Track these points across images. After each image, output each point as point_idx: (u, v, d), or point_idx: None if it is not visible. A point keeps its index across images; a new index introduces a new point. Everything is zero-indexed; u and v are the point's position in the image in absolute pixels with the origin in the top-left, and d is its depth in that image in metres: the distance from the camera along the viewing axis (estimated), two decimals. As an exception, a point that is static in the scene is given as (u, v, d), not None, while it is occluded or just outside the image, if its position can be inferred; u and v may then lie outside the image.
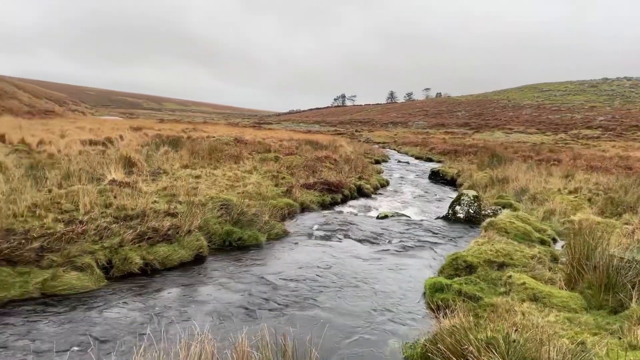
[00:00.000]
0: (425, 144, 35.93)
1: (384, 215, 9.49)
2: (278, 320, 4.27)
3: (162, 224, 6.39)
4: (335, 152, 19.03)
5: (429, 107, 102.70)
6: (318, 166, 13.97)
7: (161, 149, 15.36)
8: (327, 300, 4.90)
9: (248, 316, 4.39)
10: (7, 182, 7.83)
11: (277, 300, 4.82)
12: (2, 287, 4.53)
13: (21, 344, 3.63)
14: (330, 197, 10.89)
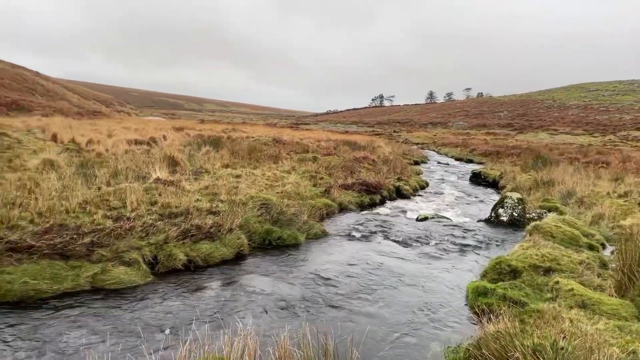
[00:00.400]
0: (466, 145, 35.19)
1: (423, 217, 9.36)
2: (318, 319, 4.29)
3: (205, 222, 6.54)
4: (373, 152, 18.92)
5: (469, 107, 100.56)
6: (356, 167, 13.94)
7: (202, 148, 15.71)
8: (367, 301, 4.88)
9: (288, 314, 4.44)
10: (60, 179, 8.21)
11: (317, 300, 4.85)
12: (56, 280, 4.75)
13: (76, 333, 3.80)
14: (368, 198, 10.84)
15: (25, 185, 7.53)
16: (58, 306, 4.34)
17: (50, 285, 4.67)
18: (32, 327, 3.88)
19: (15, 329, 3.83)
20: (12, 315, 4.10)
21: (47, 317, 4.10)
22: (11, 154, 11.64)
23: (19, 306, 4.30)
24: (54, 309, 4.28)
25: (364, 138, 30.34)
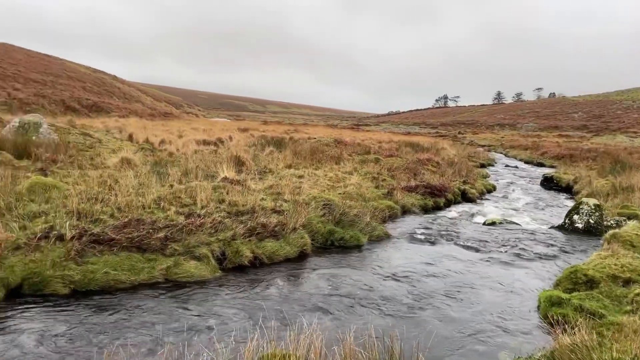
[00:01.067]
0: (536, 147, 33.52)
1: (491, 222, 9.04)
2: (383, 321, 4.27)
3: (270, 221, 6.69)
4: (437, 154, 18.51)
5: (540, 108, 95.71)
6: (419, 169, 13.70)
7: (266, 149, 16.10)
8: (433, 306, 4.79)
9: (353, 314, 4.45)
10: (136, 177, 8.72)
11: (382, 302, 4.82)
12: (133, 271, 5.06)
13: (152, 324, 4.03)
14: (432, 201, 10.62)
15: (106, 182, 8.07)
16: (135, 296, 4.62)
17: (128, 276, 4.98)
18: (112, 315, 4.16)
19: (98, 316, 4.12)
20: (95, 303, 4.42)
21: (125, 306, 4.38)
22: (93, 152, 12.53)
23: (100, 295, 4.62)
24: (131, 299, 4.56)
25: (427, 140, 29.77)
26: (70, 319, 4.01)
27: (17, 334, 3.71)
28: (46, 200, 6.40)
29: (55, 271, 4.69)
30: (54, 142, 12.19)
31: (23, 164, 9.31)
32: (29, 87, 32.76)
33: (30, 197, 6.46)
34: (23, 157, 10.06)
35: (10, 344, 3.54)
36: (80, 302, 4.38)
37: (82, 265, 4.88)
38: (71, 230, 5.25)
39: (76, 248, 4.99)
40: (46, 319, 4.00)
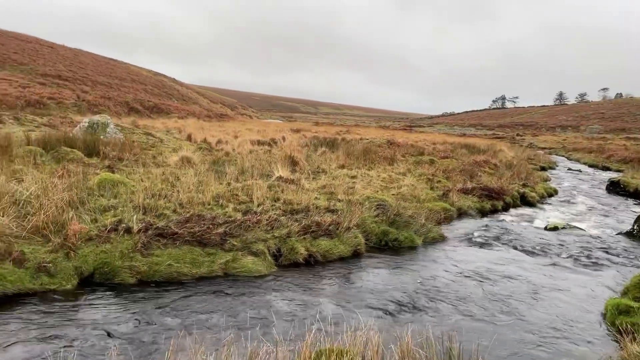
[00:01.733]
0: (602, 150, 31.70)
1: (553, 227, 8.65)
2: (441, 323, 4.21)
3: (324, 219, 6.75)
4: (494, 156, 17.94)
5: (605, 109, 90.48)
6: (476, 170, 13.34)
7: (319, 149, 16.24)
8: (492, 310, 4.66)
9: (409, 314, 4.41)
10: (196, 175, 9.05)
11: (438, 304, 4.75)
12: (194, 265, 5.26)
13: (212, 314, 4.19)
14: (490, 204, 10.31)
15: (168, 179, 8.44)
16: (197, 288, 4.81)
17: (190, 269, 5.19)
18: (177, 305, 4.35)
19: (163, 306, 4.33)
20: (160, 293, 4.64)
21: (188, 297, 4.57)
22: (155, 151, 13.12)
23: (164, 286, 4.84)
24: (193, 290, 4.75)
25: (483, 141, 28.91)
26: (138, 307, 4.24)
27: (90, 320, 3.96)
28: (114, 196, 6.79)
29: (123, 262, 4.97)
30: (120, 141, 12.88)
31: (92, 161, 9.90)
32: (96, 89, 34.78)
33: (100, 192, 6.87)
34: (92, 154, 10.70)
35: (84, 329, 3.79)
36: (146, 292, 4.61)
37: (148, 257, 5.14)
38: (138, 224, 5.54)
39: (142, 241, 5.26)
40: (116, 307, 4.24)
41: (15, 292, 4.29)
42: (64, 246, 4.89)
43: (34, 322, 3.81)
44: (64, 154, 9.83)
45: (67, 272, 4.67)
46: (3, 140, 9.63)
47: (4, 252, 4.54)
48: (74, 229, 5.04)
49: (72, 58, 46.29)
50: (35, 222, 5.06)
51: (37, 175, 6.67)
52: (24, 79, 29.62)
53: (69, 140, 10.99)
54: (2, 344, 3.43)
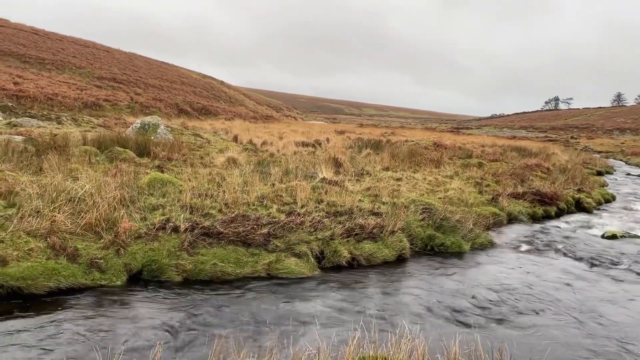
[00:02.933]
0: (664, 154, 29.75)
1: (611, 235, 8.16)
2: (490, 334, 4.02)
3: (368, 222, 6.65)
4: (547, 160, 17.18)
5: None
6: (527, 174, 12.80)
7: (363, 151, 16.10)
8: (546, 323, 4.42)
9: (456, 324, 4.25)
10: (241, 175, 9.16)
11: (487, 314, 4.55)
12: (238, 264, 5.30)
13: (254, 314, 4.19)
14: (542, 210, 9.86)
15: (214, 180, 8.58)
16: (241, 288, 4.83)
17: (234, 268, 5.23)
18: (221, 304, 4.39)
19: (208, 305, 4.37)
20: (205, 292, 4.69)
21: (232, 297, 4.60)
22: (202, 152, 13.42)
23: (209, 285, 4.90)
24: (238, 290, 4.78)
25: (534, 144, 27.81)
26: (185, 306, 4.30)
27: (139, 316, 4.05)
28: (163, 195, 6.96)
29: (170, 260, 5.07)
30: (170, 141, 13.26)
31: (143, 161, 10.23)
32: (148, 91, 36.12)
33: (149, 191, 7.07)
34: (143, 154, 11.06)
35: (132, 325, 3.88)
36: (192, 290, 4.68)
37: (194, 255, 5.22)
38: (185, 223, 5.65)
39: (189, 239, 5.35)
40: (163, 304, 4.32)
41: (68, 286, 4.45)
42: (115, 243, 5.05)
43: (85, 317, 3.94)
44: (117, 153, 10.21)
45: (117, 268, 4.82)
46: (61, 140, 10.12)
47: (59, 247, 4.74)
48: (124, 226, 5.20)
49: (126, 62, 48.30)
50: (89, 219, 5.25)
51: (91, 174, 6.94)
52: (81, 81, 31.18)
53: (122, 141, 11.41)
54: (53, 335, 3.56)
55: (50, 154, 8.34)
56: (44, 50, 37.63)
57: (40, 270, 4.39)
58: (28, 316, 3.88)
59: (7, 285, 4.21)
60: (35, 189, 5.75)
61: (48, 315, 3.92)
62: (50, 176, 6.56)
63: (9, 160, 7.65)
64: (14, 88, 21.64)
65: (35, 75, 28.05)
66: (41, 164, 7.74)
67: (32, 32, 44.40)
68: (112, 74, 37.15)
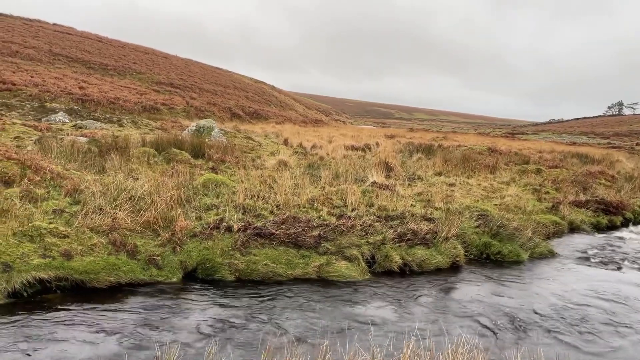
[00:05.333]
0: None
1: (686, 248, 7.55)
2: (552, 349, 3.79)
3: (420, 228, 6.49)
4: (610, 167, 16.22)
5: None
6: (590, 182, 12.12)
7: (414, 156, 15.82)
8: (611, 339, 4.12)
9: (515, 336, 4.04)
10: (292, 178, 9.21)
11: (547, 326, 4.30)
12: (289, 266, 5.31)
13: (303, 315, 4.17)
14: (606, 219, 9.29)
15: (266, 181, 8.67)
16: (292, 290, 4.83)
17: (285, 269, 5.25)
18: (274, 305, 4.40)
19: (261, 305, 4.40)
20: (257, 292, 4.73)
21: (284, 298, 4.60)
22: (254, 154, 13.65)
23: (260, 285, 4.93)
24: (289, 291, 4.78)
25: (597, 151, 26.35)
26: (238, 305, 4.35)
27: (194, 313, 4.13)
28: (217, 195, 7.11)
29: (223, 259, 5.15)
30: (223, 144, 13.57)
31: (198, 163, 10.51)
32: (202, 96, 37.28)
33: (204, 192, 7.23)
34: (198, 156, 11.37)
35: (188, 322, 3.95)
36: (244, 290, 4.73)
37: (246, 255, 5.28)
38: (238, 223, 5.73)
39: (241, 239, 5.42)
40: (217, 302, 4.39)
41: (127, 281, 4.61)
42: (171, 241, 5.19)
43: (144, 310, 4.05)
44: (173, 155, 10.55)
45: (173, 265, 4.95)
46: (122, 142, 10.58)
47: (120, 243, 4.92)
48: (180, 225, 5.33)
49: (182, 67, 50.11)
50: (147, 217, 5.43)
51: (150, 174, 7.20)
52: (141, 86, 32.64)
53: (178, 143, 11.79)
54: (115, 328, 3.69)
55: (112, 154, 8.73)
56: (107, 56, 39.71)
57: (102, 265, 4.57)
58: (92, 308, 4.04)
59: (72, 278, 4.41)
60: (98, 187, 6.02)
61: (110, 307, 4.07)
62: (112, 175, 6.85)
63: (74, 160, 8.06)
64: (80, 92, 22.94)
65: (98, 80, 29.64)
66: (104, 163, 8.11)
67: (97, 40, 46.99)
68: (170, 79, 38.64)
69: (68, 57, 34.22)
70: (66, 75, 27.93)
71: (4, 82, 20.48)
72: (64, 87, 23.12)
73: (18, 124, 12.18)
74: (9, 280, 4.11)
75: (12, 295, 4.08)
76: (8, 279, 4.12)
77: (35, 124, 12.86)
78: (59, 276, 4.34)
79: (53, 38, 39.55)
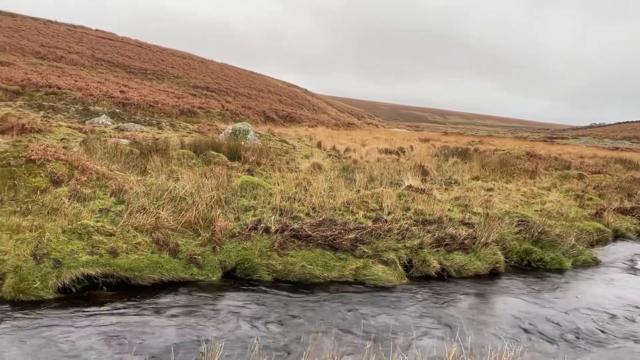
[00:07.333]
0: None
1: None
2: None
3: (459, 233, 6.39)
4: (657, 173, 15.54)
5: None
6: (635, 188, 11.65)
7: (450, 159, 15.59)
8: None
9: (558, 346, 3.92)
10: (326, 181, 9.24)
11: (594, 338, 4.15)
12: (326, 268, 5.33)
13: (347, 321, 4.17)
14: (655, 227, 8.90)
15: (301, 184, 8.73)
16: (329, 292, 4.84)
17: (321, 272, 5.26)
18: (312, 306, 4.42)
19: (298, 306, 4.43)
20: (295, 293, 4.76)
21: (322, 300, 4.62)
22: (288, 157, 13.76)
23: (297, 286, 4.96)
24: (326, 294, 4.79)
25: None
26: (277, 305, 4.39)
27: (236, 312, 4.19)
28: (254, 197, 7.20)
29: (261, 259, 5.21)
30: (258, 146, 13.74)
31: (234, 165, 10.68)
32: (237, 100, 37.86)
33: (241, 193, 7.34)
34: (234, 158, 11.55)
35: (230, 321, 4.02)
36: (282, 290, 4.77)
37: (283, 257, 5.33)
38: (275, 225, 5.79)
39: (279, 241, 5.47)
40: (257, 302, 4.45)
41: (169, 279, 4.73)
42: (211, 241, 5.29)
43: (187, 307, 4.15)
44: (211, 157, 10.76)
45: (213, 265, 5.04)
46: (162, 144, 10.87)
47: (162, 242, 5.05)
48: (220, 225, 5.43)
49: (218, 71, 51.05)
50: (188, 217, 5.55)
51: (190, 175, 7.36)
52: (178, 90, 33.44)
53: (215, 145, 12.01)
54: (160, 324, 3.78)
55: (153, 156, 8.97)
56: (146, 61, 40.89)
57: (146, 263, 4.70)
58: (137, 305, 4.16)
59: (117, 275, 4.56)
60: (141, 187, 6.20)
61: (154, 304, 4.18)
62: (154, 176, 7.05)
63: (117, 161, 8.33)
64: (121, 96, 23.69)
65: (138, 85, 30.54)
66: (145, 165, 8.35)
67: (136, 45, 48.45)
68: (206, 83, 39.43)
69: (109, 62, 35.42)
70: (108, 80, 28.92)
71: (49, 86, 21.37)
72: (106, 90, 23.93)
73: (64, 126, 12.69)
74: (59, 276, 4.29)
75: (61, 291, 4.25)
76: (58, 275, 4.29)
77: (79, 126, 13.36)
78: (105, 273, 4.50)
79: (95, 43, 41.04)
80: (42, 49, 31.45)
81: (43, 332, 3.51)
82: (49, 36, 37.63)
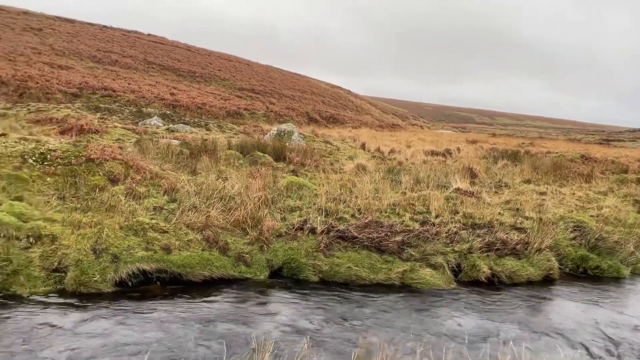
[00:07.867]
0: None
1: None
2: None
3: (510, 237, 6.20)
4: None
5: None
6: (703, 194, 10.88)
7: (499, 162, 15.14)
8: None
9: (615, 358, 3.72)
10: (371, 182, 9.18)
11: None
12: (372, 270, 5.30)
13: (396, 324, 4.13)
14: None
15: (345, 185, 8.71)
16: (376, 294, 4.81)
17: (368, 274, 5.24)
18: (359, 308, 4.41)
19: (346, 307, 4.43)
20: (341, 294, 4.76)
21: (369, 302, 4.59)
22: (332, 158, 13.78)
23: (344, 287, 4.96)
24: (373, 295, 4.76)
25: None
26: (324, 306, 4.41)
27: (283, 311, 4.24)
28: (299, 197, 7.25)
29: (307, 260, 5.25)
30: (303, 147, 13.85)
31: (279, 165, 10.81)
32: (281, 101, 38.35)
33: (287, 194, 7.42)
34: (279, 159, 11.69)
35: (279, 320, 4.07)
36: (329, 291, 4.79)
37: (329, 257, 5.34)
38: (321, 225, 5.81)
39: (325, 241, 5.49)
40: (305, 300, 4.48)
41: (219, 276, 4.85)
42: (259, 240, 5.38)
43: (237, 304, 4.23)
44: (257, 157, 10.94)
45: (260, 263, 5.13)
46: (210, 145, 11.15)
47: (212, 240, 5.18)
48: (267, 225, 5.52)
49: (263, 74, 51.90)
50: (237, 216, 5.67)
51: (238, 175, 7.52)
52: (225, 92, 34.25)
53: (260, 146, 12.21)
54: (208, 319, 3.88)
55: (203, 156, 9.22)
56: (195, 64, 42.11)
57: (197, 260, 4.84)
58: (189, 299, 4.29)
59: (170, 271, 4.72)
60: (192, 187, 6.39)
61: (206, 300, 4.30)
62: (204, 176, 7.24)
63: (169, 161, 8.62)
64: (171, 98, 24.52)
65: (187, 87, 31.50)
66: (195, 165, 8.59)
67: (186, 49, 49.99)
68: (251, 85, 40.17)
69: (160, 65, 36.73)
70: (159, 82, 30.00)
71: (105, 89, 22.41)
72: (157, 93, 24.83)
73: (119, 127, 13.25)
74: (116, 270, 4.48)
75: (118, 284, 4.44)
76: (116, 269, 4.49)
77: (133, 127, 13.91)
78: (159, 268, 4.66)
79: (147, 48, 42.66)
80: (98, 53, 33.01)
81: (147, 314, 3.68)
82: (105, 41, 39.44)
